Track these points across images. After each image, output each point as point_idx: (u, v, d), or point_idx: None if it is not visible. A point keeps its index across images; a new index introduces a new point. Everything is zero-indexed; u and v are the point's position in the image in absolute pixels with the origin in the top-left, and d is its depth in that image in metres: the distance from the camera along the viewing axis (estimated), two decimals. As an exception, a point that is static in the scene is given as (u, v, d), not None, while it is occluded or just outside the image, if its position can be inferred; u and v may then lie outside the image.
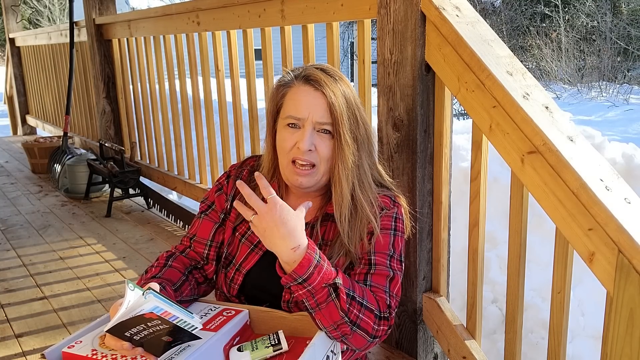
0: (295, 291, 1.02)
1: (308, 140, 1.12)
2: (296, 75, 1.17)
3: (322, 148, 1.14)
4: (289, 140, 1.14)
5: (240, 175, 1.30)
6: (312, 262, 1.01)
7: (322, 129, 1.14)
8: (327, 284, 1.02)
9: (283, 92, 1.17)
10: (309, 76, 1.15)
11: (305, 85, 1.15)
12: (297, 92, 1.15)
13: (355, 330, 1.06)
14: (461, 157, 3.03)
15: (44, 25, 20.28)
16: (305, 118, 1.13)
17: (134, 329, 0.92)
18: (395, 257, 1.18)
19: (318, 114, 1.13)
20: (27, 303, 2.25)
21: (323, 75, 1.15)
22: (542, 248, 2.48)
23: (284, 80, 1.18)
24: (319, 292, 1.01)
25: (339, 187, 1.15)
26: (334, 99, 1.12)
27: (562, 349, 1.28)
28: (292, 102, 1.15)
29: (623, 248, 1.02)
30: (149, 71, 3.35)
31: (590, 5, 14.05)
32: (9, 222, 3.30)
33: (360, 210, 1.16)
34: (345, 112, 1.14)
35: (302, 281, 1.00)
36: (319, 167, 1.15)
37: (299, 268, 0.99)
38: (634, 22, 14.02)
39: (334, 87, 1.14)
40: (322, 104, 1.13)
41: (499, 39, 1.46)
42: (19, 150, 5.42)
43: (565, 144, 1.18)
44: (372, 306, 1.08)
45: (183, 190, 3.19)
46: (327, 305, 1.03)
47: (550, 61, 13.82)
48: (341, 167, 1.14)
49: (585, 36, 14.00)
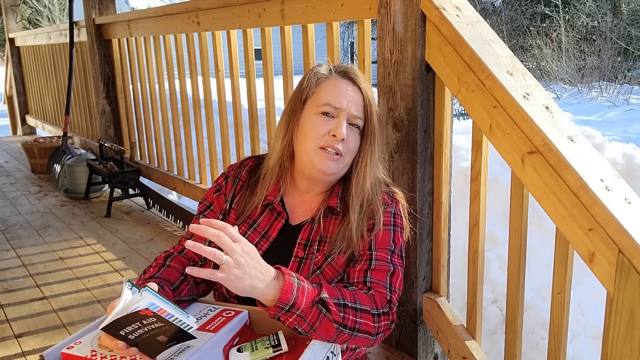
0: (285, 320, 1.00)
1: (345, 129, 1.16)
2: (333, 69, 1.22)
3: (351, 140, 1.18)
4: (322, 127, 1.16)
5: (239, 176, 1.30)
6: (294, 286, 0.99)
7: (354, 122, 1.18)
8: (314, 302, 1.01)
9: (319, 81, 1.20)
10: (347, 71, 1.21)
11: (344, 79, 1.20)
12: (336, 84, 1.19)
13: (356, 335, 1.06)
14: (461, 157, 3.03)
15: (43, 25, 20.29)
16: (343, 109, 1.16)
17: (129, 327, 0.92)
18: (396, 252, 1.18)
19: (355, 107, 1.17)
20: (27, 303, 2.24)
21: (359, 72, 1.22)
22: (542, 248, 2.48)
23: (319, 71, 1.22)
24: (308, 313, 1.00)
25: (362, 181, 1.18)
26: (370, 96, 1.19)
27: (562, 349, 1.28)
28: (330, 92, 1.18)
29: (623, 248, 1.02)
30: (149, 71, 3.35)
31: (591, 5, 14.06)
32: (9, 222, 3.30)
33: (368, 203, 1.18)
34: (376, 110, 1.21)
35: (290, 308, 0.98)
36: (345, 158, 1.18)
37: (283, 296, 0.98)
38: (634, 22, 14.03)
39: (367, 85, 1.21)
40: (359, 99, 1.18)
41: (499, 39, 1.45)
42: (18, 150, 5.42)
43: (566, 144, 1.18)
44: (367, 307, 1.08)
45: (183, 190, 3.19)
46: (320, 324, 1.02)
47: (550, 61, 13.82)
48: (369, 161, 1.19)
49: (585, 36, 14.00)
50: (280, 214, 1.23)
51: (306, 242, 1.20)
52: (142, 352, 0.96)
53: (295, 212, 1.25)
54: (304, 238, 1.21)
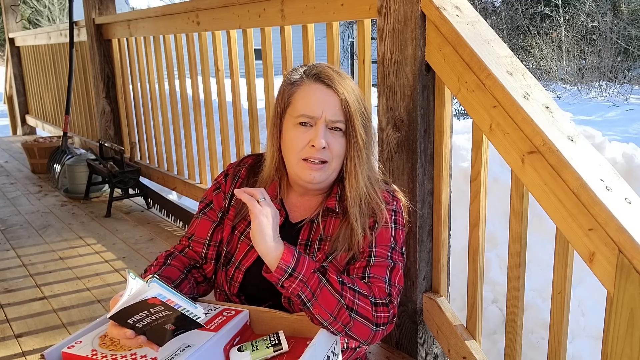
0: (289, 286, 1.04)
1: (323, 138, 1.12)
2: (306, 73, 1.16)
3: (335, 145, 1.14)
4: (300, 139, 1.13)
5: (239, 174, 1.30)
6: (294, 252, 1.06)
7: (334, 126, 1.14)
8: (315, 269, 1.06)
9: (292, 90, 1.16)
10: (320, 74, 1.14)
11: (317, 83, 1.13)
12: (308, 90, 1.14)
13: (355, 317, 1.05)
14: (461, 157, 3.03)
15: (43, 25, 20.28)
16: (319, 116, 1.12)
17: (137, 315, 0.92)
18: (397, 249, 1.18)
19: (331, 111, 1.12)
20: (27, 303, 2.24)
21: (333, 72, 1.15)
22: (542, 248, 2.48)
23: (293, 79, 1.17)
24: (310, 279, 1.04)
25: (355, 181, 1.16)
26: (347, 96, 1.13)
27: (562, 349, 1.28)
28: (304, 101, 1.14)
29: (623, 248, 1.02)
30: (149, 71, 3.35)
31: (591, 5, 14.05)
32: (9, 222, 3.30)
33: (367, 203, 1.17)
34: (357, 109, 1.14)
35: (292, 270, 1.03)
36: (331, 164, 1.15)
37: (285, 257, 1.04)
38: (634, 22, 14.02)
39: (344, 84, 1.14)
40: (335, 102, 1.12)
41: (499, 38, 1.45)
42: (18, 150, 5.42)
43: (566, 144, 1.18)
44: (364, 291, 1.08)
45: (183, 190, 3.19)
46: (321, 292, 1.04)
47: (550, 61, 13.82)
48: (357, 162, 1.15)
49: (585, 36, 14.00)
50: (279, 212, 1.23)
51: (306, 242, 1.21)
52: (150, 341, 0.96)
53: (294, 212, 1.25)
54: (304, 238, 1.21)
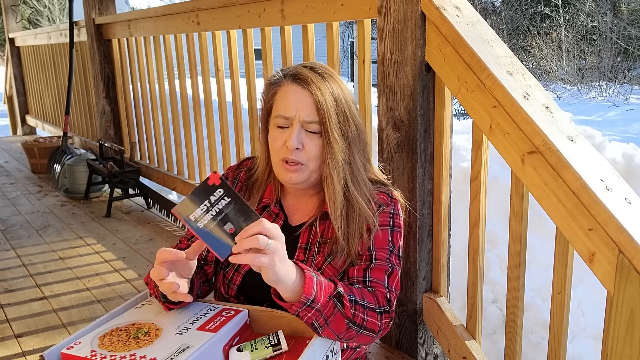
0: (304, 315, 1.00)
1: (296, 139, 1.11)
2: (285, 74, 1.16)
3: (310, 147, 1.13)
4: (278, 140, 1.14)
5: (238, 177, 1.30)
6: (314, 280, 1.00)
7: (309, 128, 1.13)
8: (331, 295, 1.02)
9: (273, 91, 1.17)
10: (296, 75, 1.14)
11: (293, 84, 1.13)
12: (285, 91, 1.14)
13: (362, 332, 1.07)
14: (461, 157, 3.04)
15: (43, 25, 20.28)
16: (293, 117, 1.12)
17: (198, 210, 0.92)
18: (395, 252, 1.18)
19: (305, 112, 1.11)
20: (27, 303, 2.24)
21: (311, 73, 1.14)
22: (542, 248, 2.48)
23: (273, 80, 1.18)
24: (325, 307, 1.01)
25: (331, 185, 1.14)
26: (320, 97, 1.11)
27: (562, 349, 1.28)
28: (281, 102, 1.14)
29: (623, 248, 1.02)
30: (149, 71, 3.35)
31: (591, 5, 14.05)
32: (9, 222, 3.30)
33: (357, 207, 1.16)
34: (334, 110, 1.12)
35: (311, 302, 0.99)
36: (307, 165, 1.14)
37: (306, 290, 0.98)
38: (634, 22, 14.03)
39: (321, 85, 1.13)
40: (309, 102, 1.11)
41: (499, 38, 1.45)
42: (18, 150, 5.42)
43: (566, 144, 1.17)
44: (372, 305, 1.09)
45: (183, 190, 3.19)
46: (334, 318, 1.02)
47: (550, 61, 13.83)
48: (331, 165, 1.13)
49: (585, 36, 14.00)
50: (278, 215, 1.24)
51: (306, 246, 1.21)
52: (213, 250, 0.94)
53: (294, 214, 1.25)
54: (304, 242, 1.21)
